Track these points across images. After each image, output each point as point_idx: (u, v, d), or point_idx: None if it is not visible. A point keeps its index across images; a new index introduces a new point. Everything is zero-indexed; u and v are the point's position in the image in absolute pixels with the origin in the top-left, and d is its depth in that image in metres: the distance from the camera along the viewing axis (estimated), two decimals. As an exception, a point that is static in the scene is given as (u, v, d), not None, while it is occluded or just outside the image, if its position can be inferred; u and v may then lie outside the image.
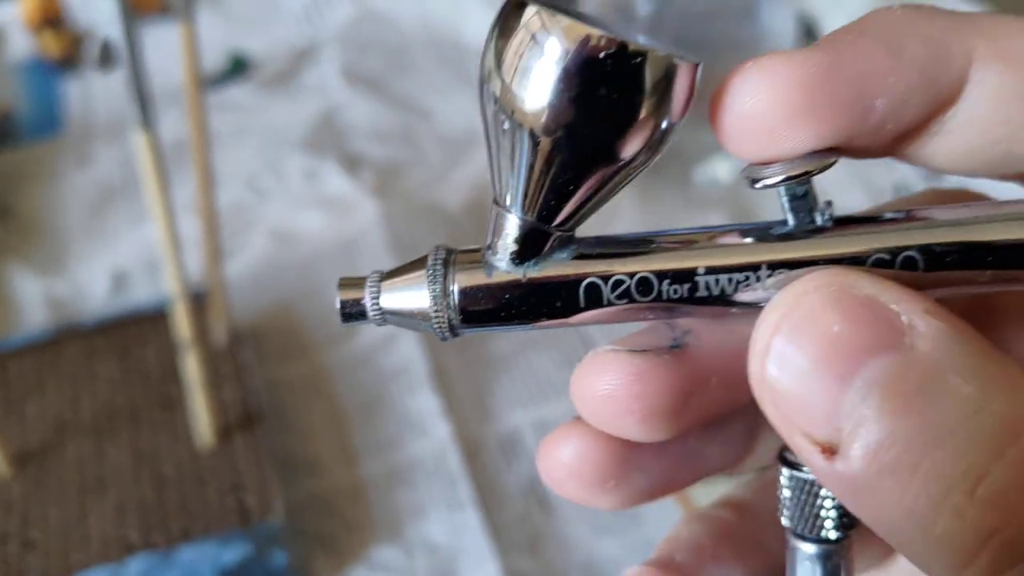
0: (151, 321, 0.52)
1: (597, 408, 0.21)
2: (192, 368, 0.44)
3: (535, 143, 0.18)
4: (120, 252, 0.59)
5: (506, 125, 0.18)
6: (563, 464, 0.22)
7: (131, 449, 0.46)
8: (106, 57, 0.72)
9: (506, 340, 0.52)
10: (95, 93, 0.70)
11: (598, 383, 0.20)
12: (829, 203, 0.19)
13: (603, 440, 0.21)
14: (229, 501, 0.43)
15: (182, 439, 0.46)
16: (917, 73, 0.19)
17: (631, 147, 0.19)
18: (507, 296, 0.19)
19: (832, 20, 0.65)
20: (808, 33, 0.64)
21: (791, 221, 0.19)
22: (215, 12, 0.76)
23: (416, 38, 0.71)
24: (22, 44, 0.76)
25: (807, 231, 0.19)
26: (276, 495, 0.43)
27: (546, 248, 0.20)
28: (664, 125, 0.18)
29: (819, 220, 0.19)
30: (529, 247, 0.19)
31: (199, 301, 0.50)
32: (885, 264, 0.19)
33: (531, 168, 0.19)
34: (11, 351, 0.51)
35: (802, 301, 0.18)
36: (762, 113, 0.19)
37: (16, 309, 0.56)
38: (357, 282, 0.20)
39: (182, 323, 0.43)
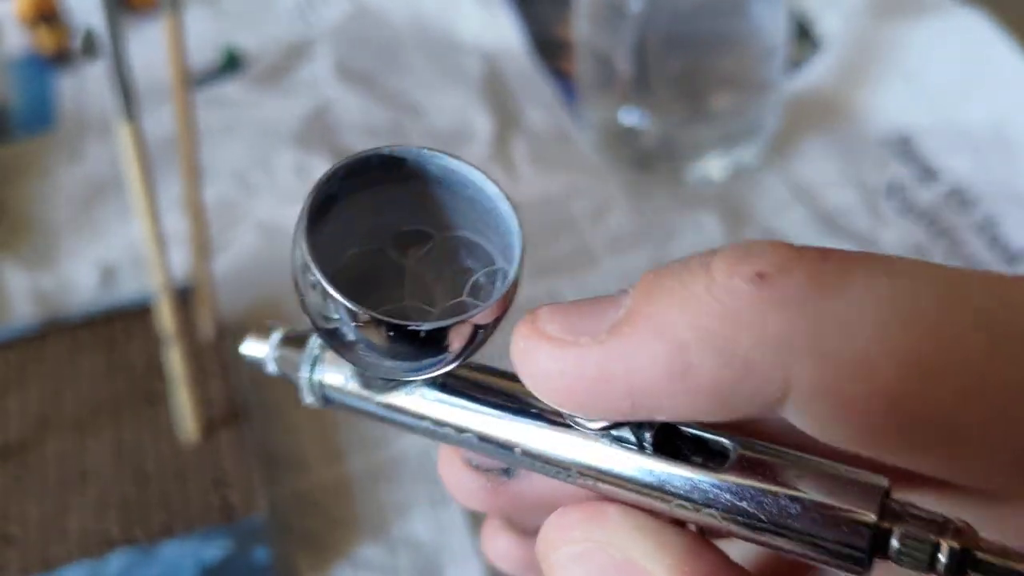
0: (137, 316, 0.51)
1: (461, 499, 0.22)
2: (175, 363, 0.43)
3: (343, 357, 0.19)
4: (109, 247, 0.58)
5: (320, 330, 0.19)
6: (496, 556, 0.23)
7: (113, 444, 0.46)
8: (89, 47, 0.72)
9: (500, 336, 0.51)
10: (88, 88, 0.70)
11: (455, 486, 0.22)
12: (652, 425, 0.18)
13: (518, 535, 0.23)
14: (212, 497, 0.43)
15: (166, 434, 0.46)
16: (706, 399, 0.16)
17: (433, 373, 0.19)
18: (361, 405, 0.21)
19: (827, 22, 0.65)
20: (802, 33, 0.64)
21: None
22: (209, 8, 0.76)
23: (409, 35, 0.71)
24: (16, 40, 0.75)
25: (627, 447, 0.18)
26: (260, 492, 0.43)
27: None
28: (457, 358, 0.19)
29: (644, 442, 0.18)
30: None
31: (185, 296, 0.50)
32: (687, 510, 0.17)
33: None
34: (-4, 345, 0.51)
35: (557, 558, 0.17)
36: (549, 397, 0.18)
37: (3, 303, 0.55)
38: (264, 335, 0.22)
39: (166, 317, 0.43)
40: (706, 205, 0.57)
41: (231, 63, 0.70)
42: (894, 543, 0.15)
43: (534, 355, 0.17)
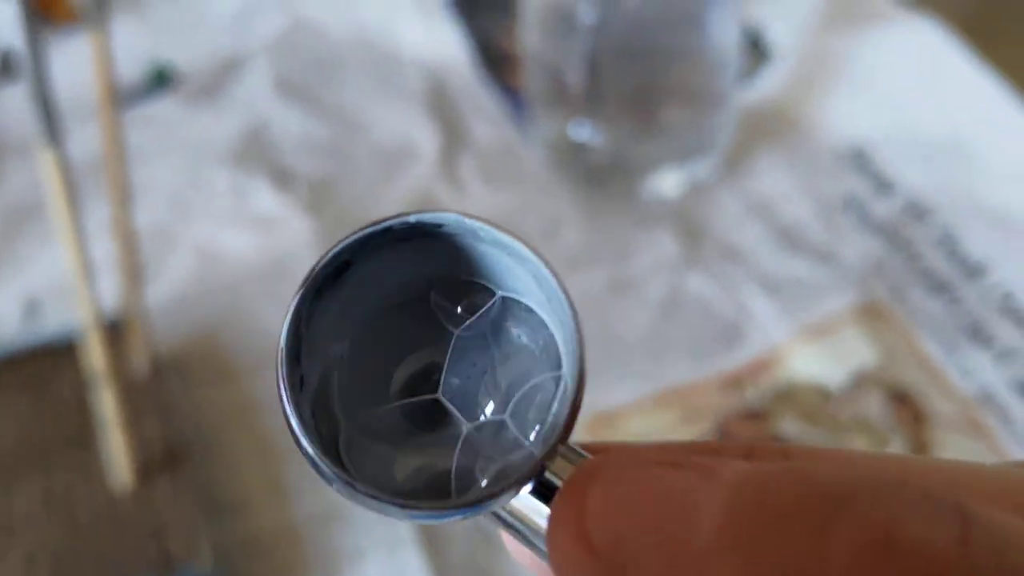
0: (65, 352, 0.48)
1: None
2: (107, 403, 0.40)
3: None
4: (32, 277, 0.55)
5: None
6: None
7: (42, 492, 0.42)
8: (7, 68, 0.68)
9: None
10: (6, 108, 0.66)
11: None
12: None
13: None
14: (150, 547, 0.40)
15: (98, 480, 0.43)
16: None
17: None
18: None
19: (777, 32, 0.64)
20: (754, 44, 0.63)
21: None
22: (137, 21, 0.72)
23: (349, 48, 0.68)
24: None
25: None
26: (201, 539, 0.40)
27: None
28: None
29: None
30: None
31: (117, 329, 0.47)
32: None
33: None
34: (-90, 386, 0.47)
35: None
36: None
37: (-83, 340, 0.51)
38: None
39: (95, 354, 0.40)
40: (661, 222, 0.55)
41: (161, 79, 0.67)
42: None
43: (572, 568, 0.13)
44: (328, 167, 0.60)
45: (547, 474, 0.14)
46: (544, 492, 0.15)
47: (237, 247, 0.55)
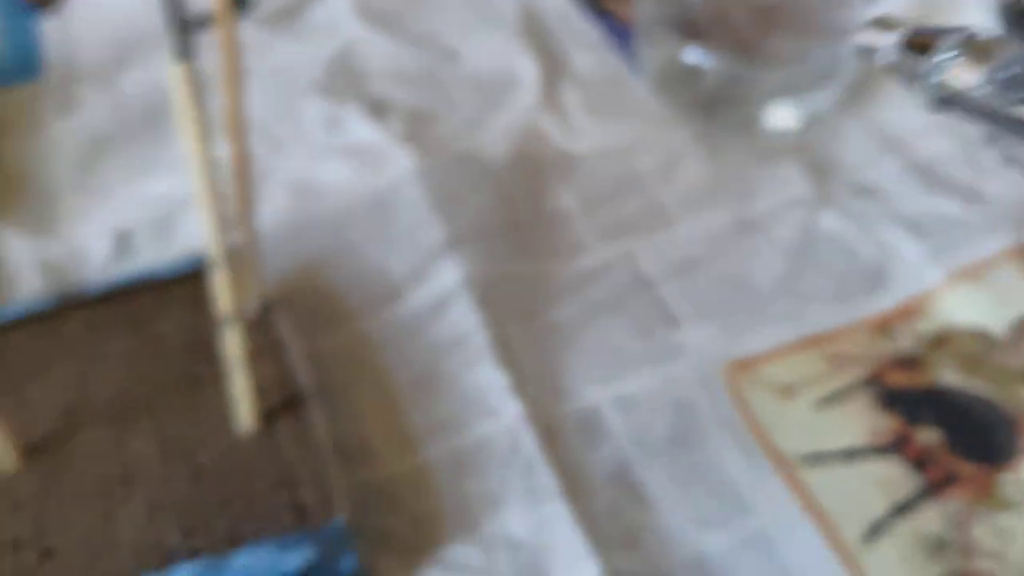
0: (164, 288, 0.45)
1: None
2: (233, 345, 0.37)
3: None
4: (119, 210, 0.51)
5: None
6: None
7: (157, 437, 0.40)
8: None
9: (572, 307, 0.46)
10: (76, 31, 0.63)
11: None
12: None
13: None
14: (281, 496, 0.37)
15: (216, 425, 0.40)
16: None
17: None
18: (984, 112, 0.20)
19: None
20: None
21: None
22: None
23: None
24: (-14, -22, 0.67)
25: None
26: (338, 489, 0.37)
27: None
28: None
29: None
30: None
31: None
32: None
33: None
34: (6, 323, 0.44)
35: None
36: None
37: (6, 275, 0.48)
38: (890, 27, 0.18)
39: (223, 293, 0.36)
40: (785, 156, 0.52)
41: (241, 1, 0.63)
42: None
43: None
44: (423, 98, 0.57)
45: None
46: None
47: (335, 180, 0.52)
